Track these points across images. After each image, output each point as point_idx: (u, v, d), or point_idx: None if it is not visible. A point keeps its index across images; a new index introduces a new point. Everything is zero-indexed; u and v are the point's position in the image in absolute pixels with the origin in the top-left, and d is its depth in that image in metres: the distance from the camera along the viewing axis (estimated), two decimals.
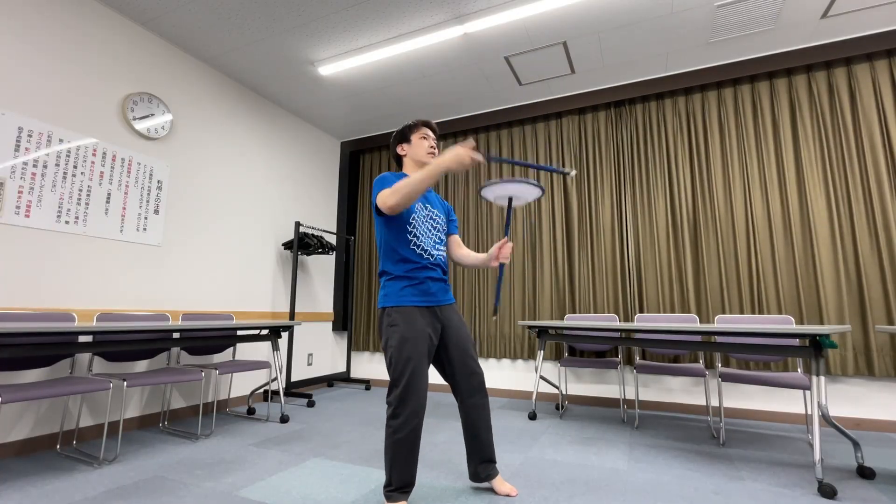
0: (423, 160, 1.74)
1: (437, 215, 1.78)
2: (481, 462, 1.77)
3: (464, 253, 1.83)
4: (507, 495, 1.74)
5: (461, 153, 1.45)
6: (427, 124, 1.80)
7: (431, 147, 1.76)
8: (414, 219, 1.68)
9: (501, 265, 1.61)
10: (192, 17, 2.84)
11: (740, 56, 3.26)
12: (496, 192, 1.60)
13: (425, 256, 1.67)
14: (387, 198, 1.51)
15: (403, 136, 1.80)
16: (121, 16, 2.84)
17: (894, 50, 2.95)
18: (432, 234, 1.73)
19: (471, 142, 1.50)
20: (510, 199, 1.63)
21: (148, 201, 2.91)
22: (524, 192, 1.58)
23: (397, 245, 1.66)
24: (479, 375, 1.74)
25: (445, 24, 2.91)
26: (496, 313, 1.62)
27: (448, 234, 1.86)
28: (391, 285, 1.65)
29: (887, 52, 2.97)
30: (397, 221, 1.66)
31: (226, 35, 3.03)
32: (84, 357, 2.52)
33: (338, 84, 3.67)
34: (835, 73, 3.09)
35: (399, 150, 1.81)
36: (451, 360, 1.71)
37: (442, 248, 1.76)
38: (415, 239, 1.67)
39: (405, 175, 1.73)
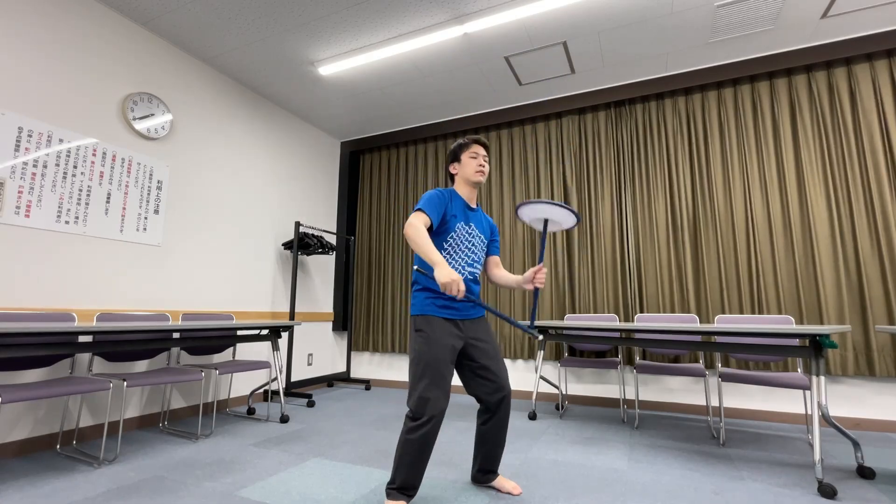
0: (472, 179, 1.77)
1: (476, 235, 1.77)
2: (480, 469, 1.81)
3: (500, 273, 1.86)
4: (510, 493, 1.75)
5: (451, 284, 1.40)
6: (478, 141, 1.80)
7: (480, 166, 1.77)
8: (451, 237, 1.70)
9: (536, 289, 1.68)
10: (193, 17, 2.84)
11: (740, 56, 3.25)
12: (534, 214, 1.71)
13: (459, 272, 1.68)
14: (408, 226, 1.54)
15: (455, 155, 1.82)
16: (121, 16, 2.84)
17: (894, 50, 2.95)
18: (467, 254, 1.72)
19: (462, 286, 1.44)
20: (546, 223, 1.73)
21: (148, 201, 2.91)
22: (561, 218, 1.70)
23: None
24: (501, 393, 1.71)
25: (445, 23, 2.91)
26: (535, 334, 1.58)
27: (488, 255, 1.89)
28: (418, 295, 1.69)
29: (887, 52, 2.97)
30: (436, 237, 1.70)
31: (226, 35, 3.03)
32: (84, 357, 2.52)
33: (338, 84, 3.67)
34: (835, 73, 3.09)
35: (451, 168, 1.84)
36: (473, 375, 1.72)
37: (476, 267, 1.76)
38: (448, 257, 1.69)
39: (454, 191, 1.77)
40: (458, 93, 3.82)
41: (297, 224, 3.78)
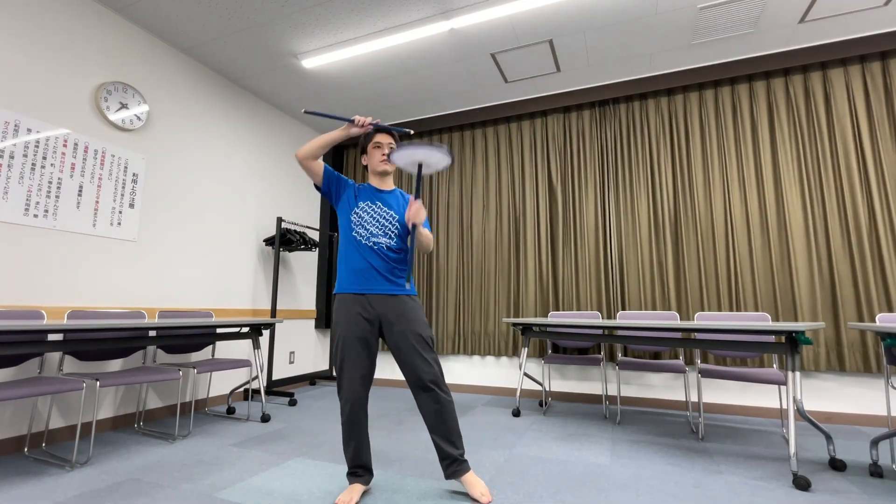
0: (377, 169, 1.82)
1: (387, 212, 1.78)
2: (441, 460, 1.72)
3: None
4: (477, 501, 1.64)
5: (359, 118, 1.66)
6: (381, 129, 1.83)
7: (383, 155, 1.81)
8: (356, 212, 1.76)
9: (413, 226, 1.66)
10: (170, 4, 2.75)
11: (721, 58, 3.32)
12: (405, 159, 1.62)
13: (365, 243, 1.72)
14: (298, 152, 1.71)
15: (362, 147, 1.89)
16: (94, 1, 2.72)
17: (867, 55, 3.05)
18: (377, 226, 1.75)
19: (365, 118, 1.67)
20: (420, 166, 1.65)
21: (122, 195, 2.82)
22: (433, 159, 1.61)
23: (343, 233, 1.79)
24: (424, 375, 1.66)
25: (432, 18, 2.88)
26: (409, 280, 1.72)
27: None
28: (338, 274, 1.78)
29: (860, 57, 3.06)
30: (344, 211, 1.79)
31: (206, 24, 2.94)
32: (54, 356, 2.42)
33: (321, 78, 3.61)
34: (811, 77, 3.17)
35: (363, 160, 1.90)
36: (397, 357, 1.71)
37: (392, 238, 1.75)
38: (357, 227, 1.74)
39: (364, 184, 1.85)
40: (444, 89, 3.80)
41: (279, 220, 3.71)
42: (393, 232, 1.77)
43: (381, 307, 1.70)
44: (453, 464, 1.69)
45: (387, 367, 4.27)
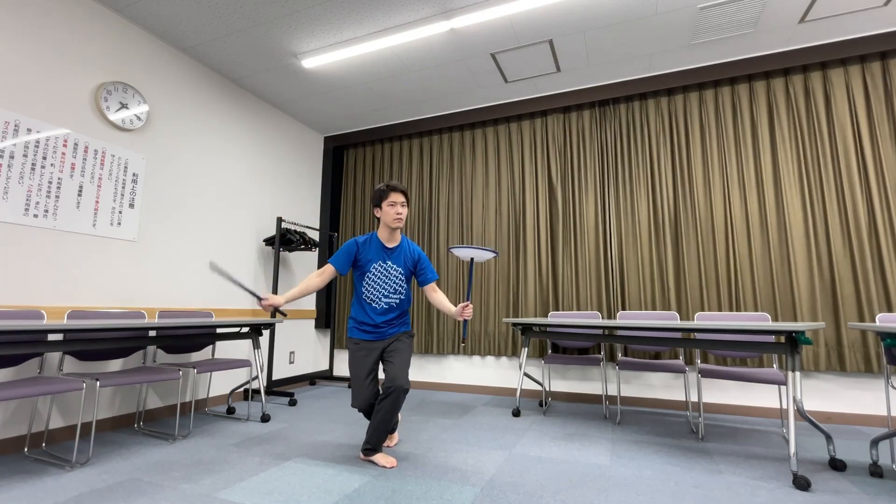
0: (391, 226, 2.10)
1: (393, 269, 2.12)
2: (367, 442, 2.09)
3: (437, 298, 2.19)
4: (384, 466, 2.03)
5: (264, 304, 2.08)
6: (395, 189, 2.09)
7: (398, 214, 2.08)
8: (368, 276, 2.11)
9: (465, 321, 2.10)
10: (170, 4, 2.75)
11: (721, 58, 3.32)
12: (462, 254, 2.19)
13: (374, 305, 2.11)
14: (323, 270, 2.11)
15: (376, 202, 2.13)
16: (94, 1, 2.72)
17: (867, 55, 3.05)
18: (384, 287, 2.11)
19: (266, 302, 2.07)
20: (472, 260, 2.19)
21: (122, 195, 2.81)
22: (482, 256, 2.18)
23: (357, 292, 2.16)
24: (397, 383, 2.01)
25: (432, 18, 2.88)
26: (464, 341, 2.21)
27: (422, 284, 2.22)
28: (349, 321, 2.20)
29: (860, 57, 3.06)
30: (357, 275, 2.14)
31: (206, 24, 2.94)
32: (54, 356, 2.42)
33: (322, 78, 3.61)
34: (811, 76, 3.17)
35: (375, 213, 2.16)
36: (387, 358, 2.12)
37: (394, 297, 2.13)
38: (367, 291, 2.11)
39: (373, 236, 2.15)
40: (444, 89, 3.80)
41: (279, 220, 3.71)
42: (400, 286, 2.15)
43: (384, 343, 2.15)
44: (369, 450, 2.09)
45: None
